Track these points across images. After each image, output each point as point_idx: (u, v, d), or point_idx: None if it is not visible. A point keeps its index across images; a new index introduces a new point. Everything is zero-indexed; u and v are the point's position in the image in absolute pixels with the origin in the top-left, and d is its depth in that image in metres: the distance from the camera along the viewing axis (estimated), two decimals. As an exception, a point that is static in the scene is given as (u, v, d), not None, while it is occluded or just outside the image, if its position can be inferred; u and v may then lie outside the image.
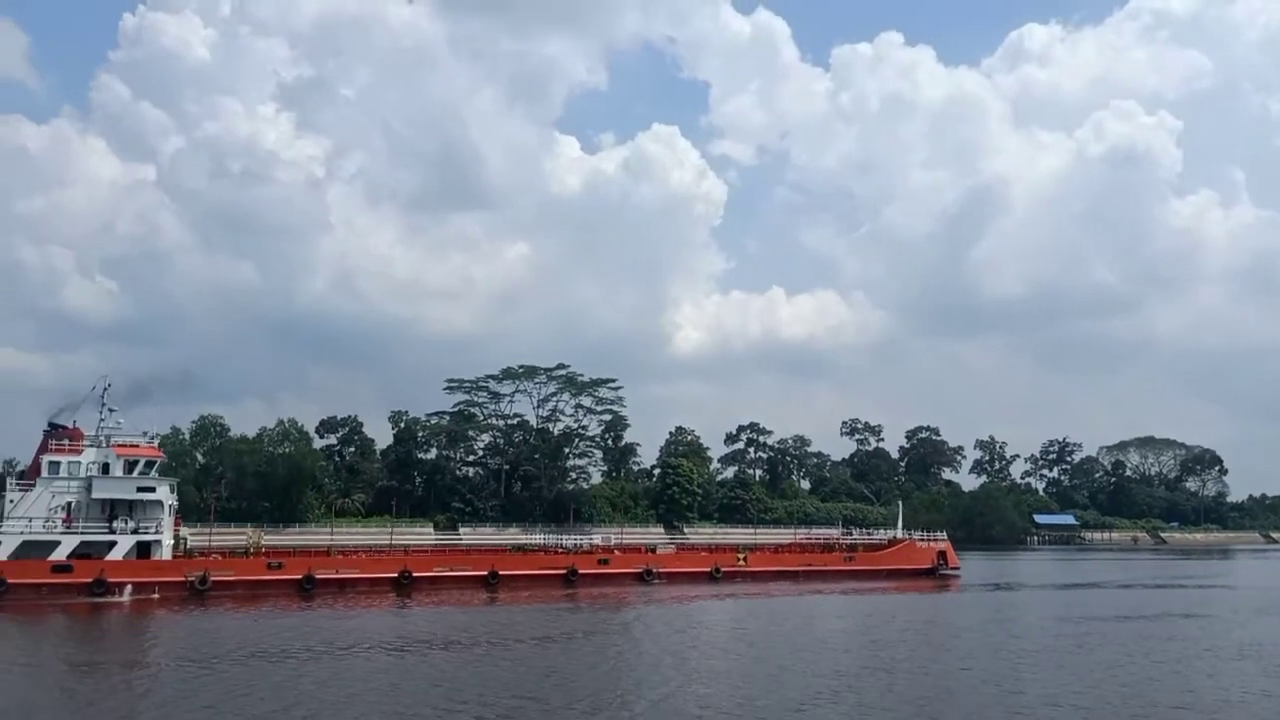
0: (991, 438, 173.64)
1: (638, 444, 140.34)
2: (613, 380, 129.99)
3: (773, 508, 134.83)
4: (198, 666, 27.46)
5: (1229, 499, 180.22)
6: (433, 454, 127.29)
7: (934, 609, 48.31)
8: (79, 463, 46.53)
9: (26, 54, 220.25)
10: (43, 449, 47.53)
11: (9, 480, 47.91)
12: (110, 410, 48.54)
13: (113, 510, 47.25)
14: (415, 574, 52.74)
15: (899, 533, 74.71)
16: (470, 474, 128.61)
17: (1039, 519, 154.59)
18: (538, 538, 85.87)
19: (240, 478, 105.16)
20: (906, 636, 35.55)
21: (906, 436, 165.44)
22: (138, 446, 49.16)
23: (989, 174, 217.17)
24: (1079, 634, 36.43)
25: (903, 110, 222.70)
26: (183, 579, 46.96)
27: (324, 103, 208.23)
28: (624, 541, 74.64)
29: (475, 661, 29.51)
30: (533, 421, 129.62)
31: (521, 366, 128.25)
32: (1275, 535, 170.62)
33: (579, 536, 76.08)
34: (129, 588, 45.24)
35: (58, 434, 47.26)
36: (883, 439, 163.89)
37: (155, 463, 48.89)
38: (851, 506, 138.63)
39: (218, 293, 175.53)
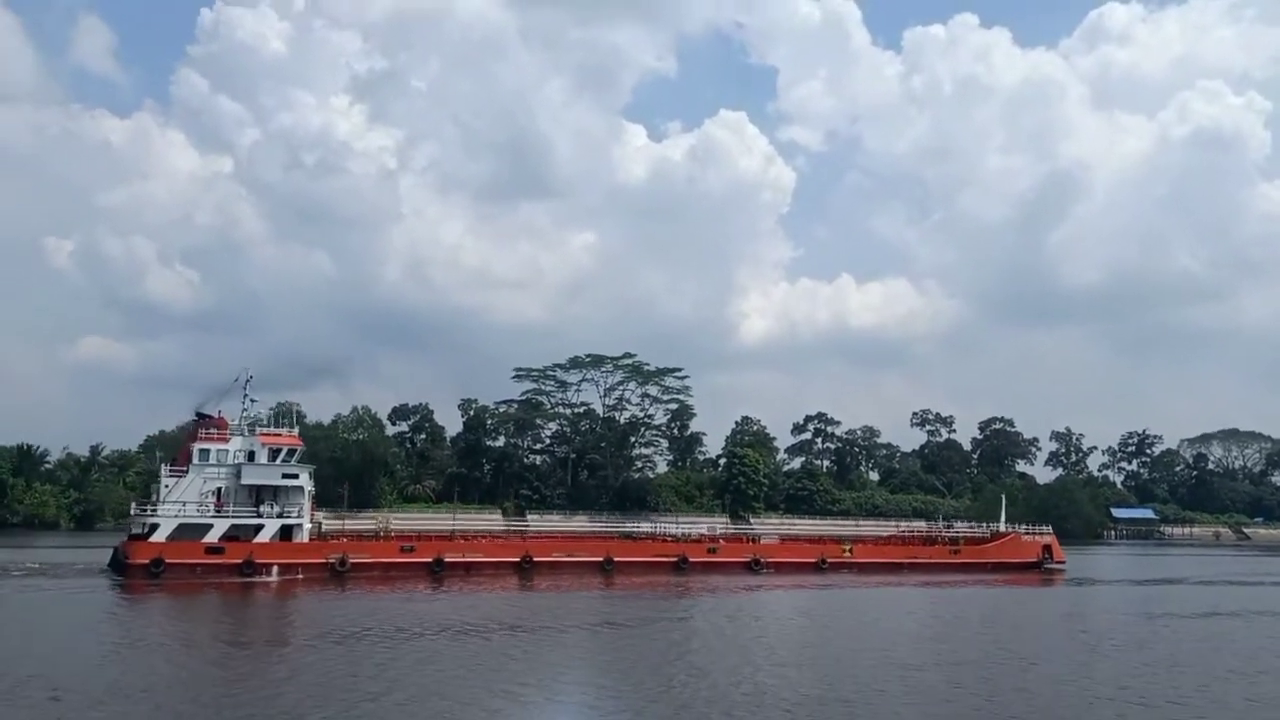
0: (1068, 429, 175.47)
1: (703, 433, 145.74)
2: (679, 369, 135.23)
3: (840, 499, 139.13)
4: (342, 644, 31.29)
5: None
6: (501, 442, 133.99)
7: (1056, 603, 51.50)
8: (227, 450, 52.74)
9: (112, 49, 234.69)
10: (192, 437, 53.95)
11: (163, 467, 54.04)
12: (253, 400, 55.07)
13: (258, 495, 53.04)
14: (536, 559, 58.40)
15: (1002, 525, 76.18)
16: (537, 462, 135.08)
17: (1116, 513, 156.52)
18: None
19: (316, 464, 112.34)
20: (1036, 633, 38.92)
21: (979, 428, 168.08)
22: (281, 435, 55.54)
23: (1067, 158, 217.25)
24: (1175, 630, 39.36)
25: (978, 94, 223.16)
26: (324, 560, 52.52)
27: (396, 94, 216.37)
28: (719, 531, 79.00)
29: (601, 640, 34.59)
30: (599, 410, 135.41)
31: (588, 355, 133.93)
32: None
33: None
34: (275, 568, 50.77)
35: (205, 423, 53.61)
36: (954, 430, 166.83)
37: (296, 450, 54.96)
38: (922, 499, 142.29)
39: (293, 282, 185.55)
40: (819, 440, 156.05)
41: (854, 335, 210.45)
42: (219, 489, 52.48)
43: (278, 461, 53.67)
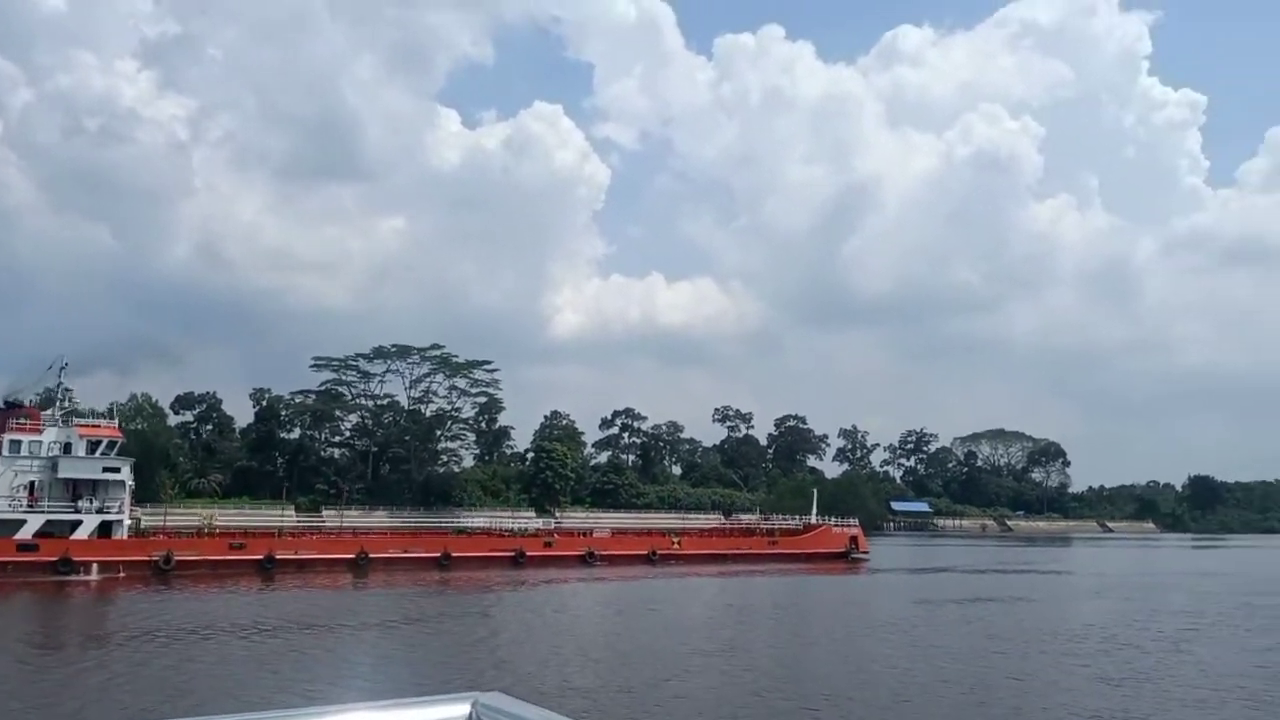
0: (854, 427, 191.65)
1: (512, 427, 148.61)
2: (488, 362, 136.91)
3: (644, 493, 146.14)
4: (159, 643, 31.34)
5: (1070, 489, 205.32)
6: (296, 434, 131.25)
7: (850, 590, 58.44)
8: (40, 442, 50.85)
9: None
10: (1, 428, 51.44)
11: None
12: (66, 390, 53.35)
13: (75, 490, 51.48)
14: (372, 555, 59.54)
15: (814, 518, 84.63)
16: (336, 455, 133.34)
17: (895, 505, 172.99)
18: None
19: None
20: (824, 615, 44.33)
21: (775, 424, 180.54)
22: (99, 427, 54.18)
23: (863, 172, 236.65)
24: (934, 613, 44.81)
25: (782, 105, 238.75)
26: (147, 558, 51.72)
27: (189, 61, 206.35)
28: (553, 525, 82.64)
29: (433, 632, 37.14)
30: (404, 402, 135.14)
31: (394, 345, 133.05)
32: (1110, 524, 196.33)
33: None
34: (94, 566, 49.66)
35: (15, 413, 51.46)
36: (753, 426, 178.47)
37: (116, 443, 53.60)
38: (721, 492, 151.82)
39: (69, 257, 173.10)
40: (626, 435, 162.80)
41: (663, 332, 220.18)
42: (31, 483, 50.58)
43: (97, 454, 52.01)
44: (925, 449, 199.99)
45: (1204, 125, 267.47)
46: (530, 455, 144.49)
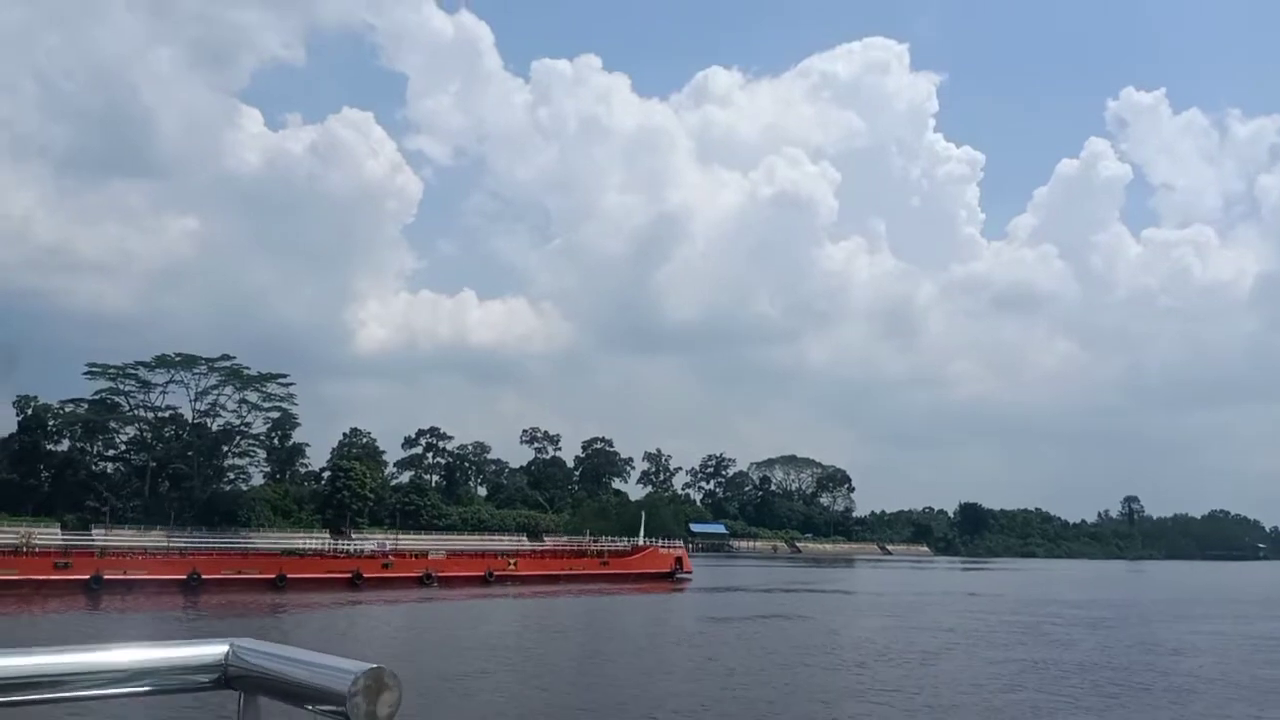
0: (659, 450, 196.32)
1: (307, 444, 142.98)
2: (283, 375, 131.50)
3: (448, 514, 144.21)
4: None
5: (855, 514, 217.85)
6: (65, 446, 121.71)
7: (669, 607, 60.85)
8: None
9: None
10: None
11: None
12: None
13: None
14: (205, 576, 57.65)
15: (642, 540, 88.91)
16: (110, 470, 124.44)
17: (695, 527, 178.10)
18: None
19: None
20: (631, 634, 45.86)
21: (582, 446, 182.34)
22: None
23: (675, 203, 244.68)
24: (721, 630, 46.87)
25: (599, 133, 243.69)
26: None
27: None
28: (388, 547, 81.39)
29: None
30: (188, 416, 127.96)
31: (178, 355, 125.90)
32: (889, 547, 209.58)
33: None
34: None
35: None
36: (560, 448, 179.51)
37: None
38: (526, 514, 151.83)
39: None
40: (430, 455, 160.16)
41: (473, 351, 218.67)
42: None
43: None
44: (724, 473, 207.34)
45: (981, 180, 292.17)
46: (326, 474, 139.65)
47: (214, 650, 1.72)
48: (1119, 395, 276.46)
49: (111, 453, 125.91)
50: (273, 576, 60.34)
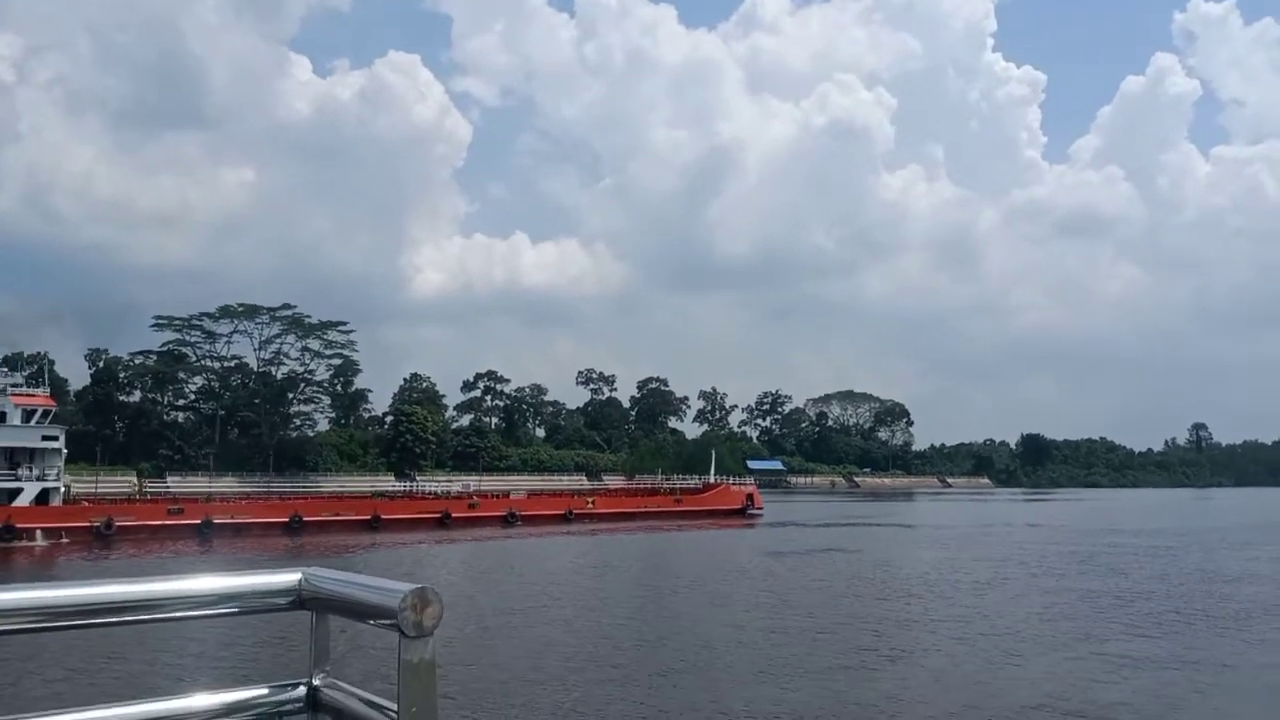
0: (714, 389, 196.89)
1: (370, 390, 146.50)
2: (343, 323, 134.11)
3: (507, 455, 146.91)
4: None
5: (914, 447, 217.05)
6: (137, 397, 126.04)
7: (738, 542, 62.20)
8: None
9: None
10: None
11: None
12: None
13: (13, 458, 53.41)
14: (306, 518, 61.47)
15: (713, 477, 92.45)
16: (181, 419, 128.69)
17: (752, 464, 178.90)
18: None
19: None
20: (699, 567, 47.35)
21: (638, 387, 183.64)
22: (35, 396, 56.44)
23: (725, 136, 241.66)
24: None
25: (646, 67, 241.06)
26: (88, 524, 53.09)
27: None
28: (472, 488, 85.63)
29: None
30: (253, 364, 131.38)
31: (241, 305, 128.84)
32: (949, 480, 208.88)
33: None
34: (39, 533, 51.27)
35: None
36: (615, 389, 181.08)
37: (50, 411, 55.48)
38: (584, 454, 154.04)
39: None
40: (488, 398, 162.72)
41: (527, 293, 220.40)
42: None
43: (33, 423, 53.94)
44: (780, 410, 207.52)
45: (1043, 102, 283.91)
46: (389, 419, 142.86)
47: (289, 578, 2.07)
48: (1186, 320, 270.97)
49: (181, 402, 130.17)
50: (368, 517, 64.22)
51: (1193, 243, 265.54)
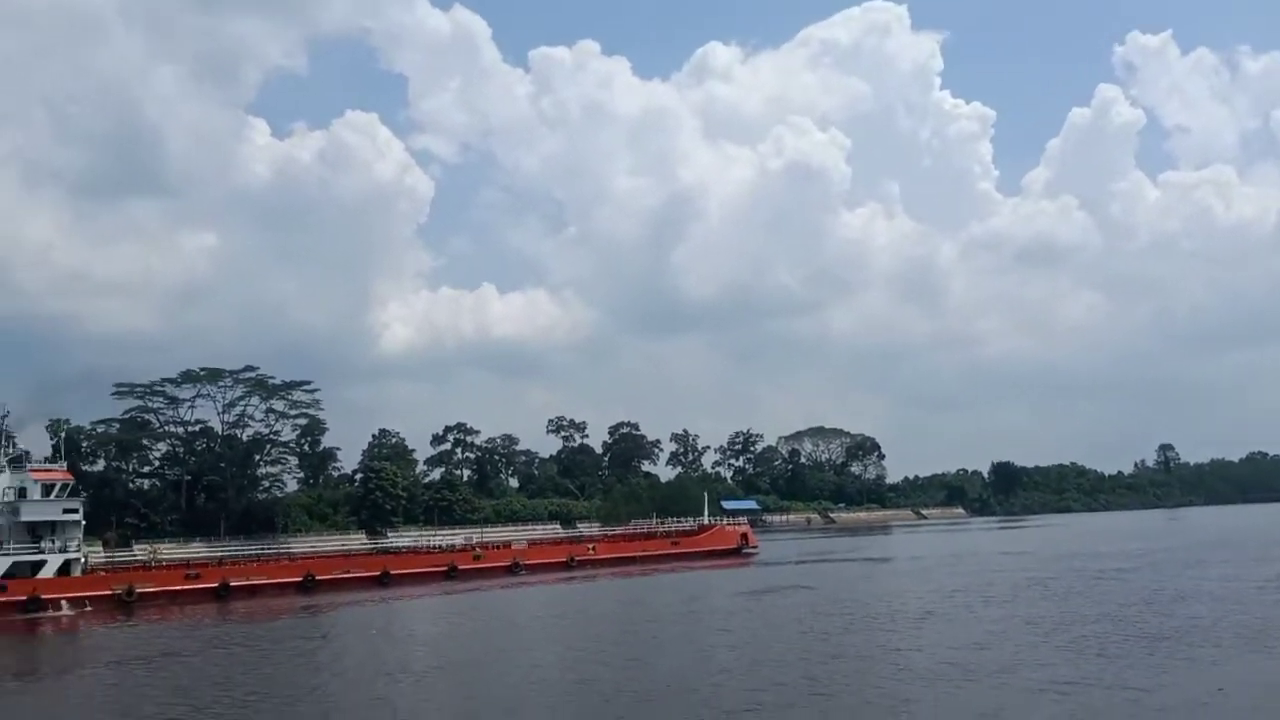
0: (685, 431, 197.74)
1: (338, 448, 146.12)
2: (308, 382, 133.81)
3: (480, 507, 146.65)
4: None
5: (887, 480, 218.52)
6: (100, 466, 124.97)
7: (733, 580, 63.26)
8: None
9: None
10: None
11: None
12: (10, 437, 56.91)
13: (35, 531, 55.11)
14: (319, 577, 63.28)
15: (706, 519, 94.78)
16: (146, 486, 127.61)
17: (726, 504, 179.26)
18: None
19: None
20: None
21: (610, 432, 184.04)
22: (53, 471, 58.15)
23: (686, 182, 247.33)
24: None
25: (604, 118, 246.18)
26: (111, 592, 55.01)
27: None
28: (475, 540, 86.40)
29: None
30: (218, 428, 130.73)
31: (203, 369, 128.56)
32: (924, 511, 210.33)
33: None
34: (64, 603, 52.76)
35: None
36: (587, 435, 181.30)
37: (69, 485, 57.33)
38: (557, 502, 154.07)
39: None
40: (459, 450, 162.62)
41: (497, 344, 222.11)
42: None
43: (53, 497, 55.75)
44: (752, 449, 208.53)
45: (993, 136, 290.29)
46: (359, 476, 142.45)
47: None
48: (1149, 342, 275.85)
49: (146, 469, 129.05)
50: (378, 573, 65.88)
51: (1149, 267, 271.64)
